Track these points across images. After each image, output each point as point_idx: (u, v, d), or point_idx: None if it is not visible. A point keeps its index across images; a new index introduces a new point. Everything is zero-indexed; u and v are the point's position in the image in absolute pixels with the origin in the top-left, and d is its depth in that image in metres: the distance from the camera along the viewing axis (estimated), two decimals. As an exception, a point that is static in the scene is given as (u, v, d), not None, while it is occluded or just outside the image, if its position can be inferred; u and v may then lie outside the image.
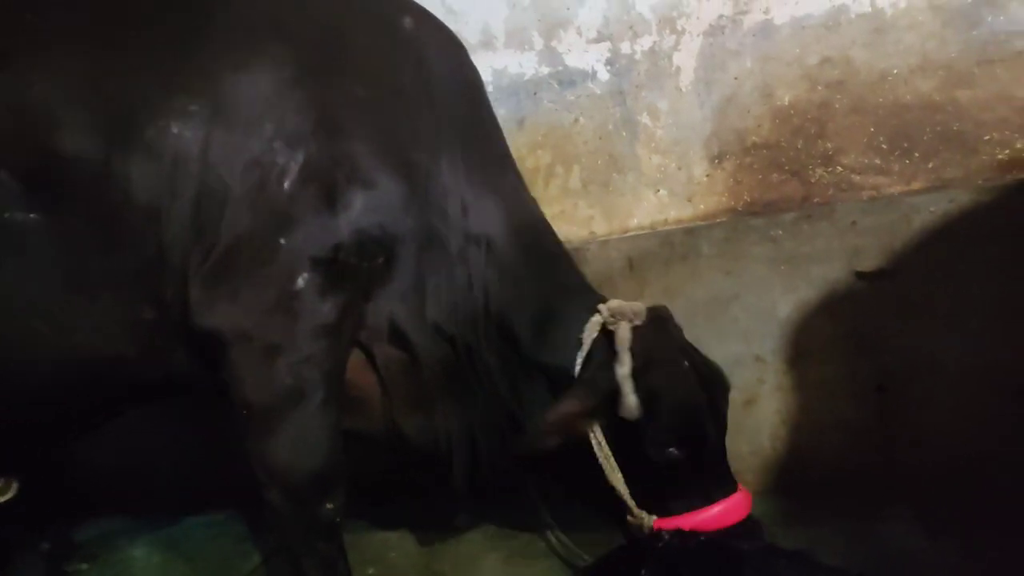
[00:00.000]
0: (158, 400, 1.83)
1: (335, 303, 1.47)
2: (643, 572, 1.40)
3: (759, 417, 2.08)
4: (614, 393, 1.48)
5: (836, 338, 1.96)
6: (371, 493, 2.04)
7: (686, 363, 1.55)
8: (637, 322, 1.56)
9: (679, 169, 2.25)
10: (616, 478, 1.54)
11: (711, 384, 1.57)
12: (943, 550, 1.61)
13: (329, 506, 1.51)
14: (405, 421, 1.67)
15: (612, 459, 1.54)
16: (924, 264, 1.89)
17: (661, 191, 2.28)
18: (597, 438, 1.55)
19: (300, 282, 1.43)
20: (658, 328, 1.59)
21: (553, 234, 1.80)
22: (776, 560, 1.40)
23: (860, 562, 1.52)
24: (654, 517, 1.52)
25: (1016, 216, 1.82)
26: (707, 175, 2.23)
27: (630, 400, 1.46)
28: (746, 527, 1.50)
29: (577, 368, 1.57)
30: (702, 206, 2.25)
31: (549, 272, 1.70)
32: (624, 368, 1.47)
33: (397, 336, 1.60)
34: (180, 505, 2.53)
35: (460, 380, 1.65)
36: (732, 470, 1.59)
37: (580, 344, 1.58)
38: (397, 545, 2.08)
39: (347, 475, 1.55)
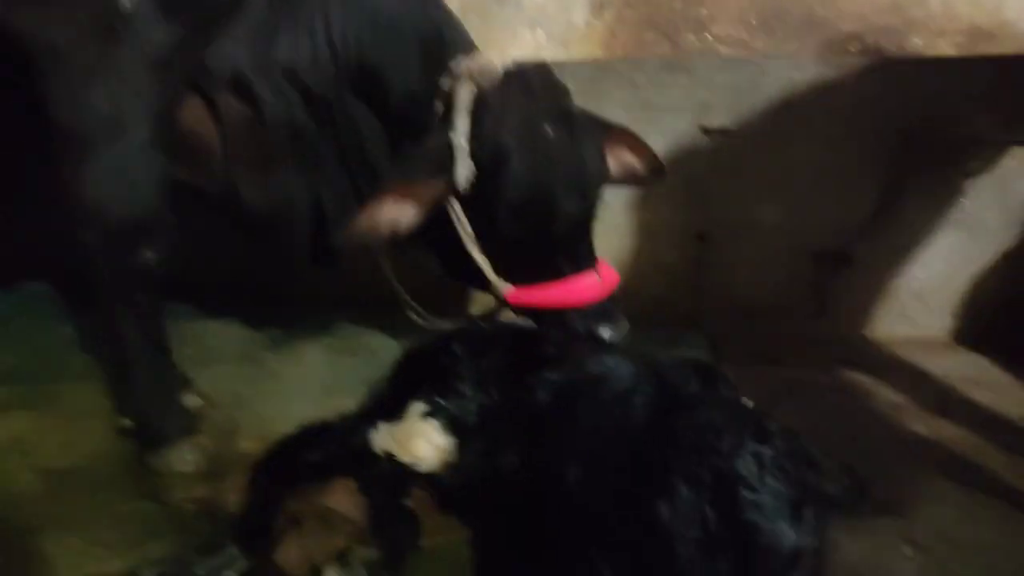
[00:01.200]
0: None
1: (167, 35, 1.37)
2: (445, 356, 1.43)
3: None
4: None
5: (671, 187, 2.06)
6: (199, 281, 1.98)
7: (550, 131, 1.43)
8: (484, 84, 1.46)
9: (560, 12, 2.25)
10: (473, 247, 1.52)
11: (577, 154, 1.46)
12: (731, 374, 1.78)
13: (148, 253, 1.45)
14: (245, 181, 1.59)
15: (468, 227, 1.51)
16: (763, 128, 2.02)
17: (539, 31, 2.27)
18: (454, 208, 1.50)
19: (127, 4, 1.34)
20: (518, 90, 1.46)
21: None
22: (578, 346, 1.47)
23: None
24: (510, 287, 1.54)
25: (854, 94, 1.96)
26: (586, 23, 2.24)
27: (460, 170, 1.42)
28: (601, 308, 1.52)
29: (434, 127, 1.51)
30: (576, 53, 2.27)
31: (421, 22, 1.58)
32: (457, 135, 1.42)
33: (241, 86, 1.51)
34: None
35: (310, 143, 1.58)
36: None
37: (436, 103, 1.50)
38: (218, 331, 2.04)
39: (172, 226, 1.48)
